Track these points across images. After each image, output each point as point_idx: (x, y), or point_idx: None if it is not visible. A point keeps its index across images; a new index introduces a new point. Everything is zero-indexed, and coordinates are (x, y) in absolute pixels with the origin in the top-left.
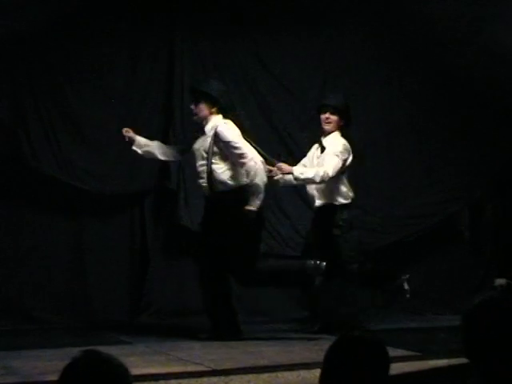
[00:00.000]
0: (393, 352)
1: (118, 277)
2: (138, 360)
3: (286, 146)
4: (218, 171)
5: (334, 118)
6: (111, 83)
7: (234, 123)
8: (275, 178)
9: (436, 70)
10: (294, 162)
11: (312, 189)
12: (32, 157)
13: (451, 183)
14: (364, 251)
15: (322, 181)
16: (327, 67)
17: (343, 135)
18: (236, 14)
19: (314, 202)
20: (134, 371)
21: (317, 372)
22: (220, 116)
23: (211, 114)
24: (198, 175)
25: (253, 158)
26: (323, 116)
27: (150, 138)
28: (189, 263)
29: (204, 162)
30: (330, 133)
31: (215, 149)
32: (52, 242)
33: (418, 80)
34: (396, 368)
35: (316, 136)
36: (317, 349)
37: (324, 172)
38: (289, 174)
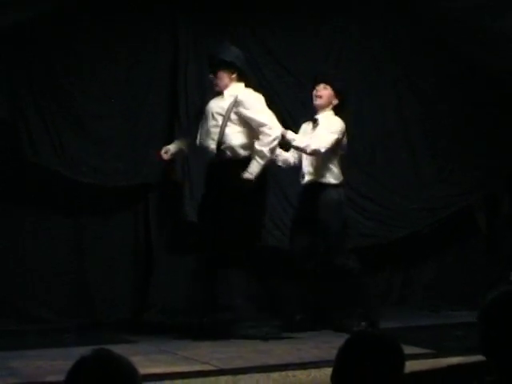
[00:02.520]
0: (407, 350)
1: (121, 275)
2: (143, 359)
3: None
4: (231, 136)
5: (324, 92)
6: (113, 77)
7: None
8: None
9: (450, 62)
10: None
11: (306, 166)
12: (33, 152)
13: (465, 175)
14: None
15: (313, 154)
16: (336, 57)
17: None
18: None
19: (303, 178)
20: (140, 370)
21: (328, 371)
22: (242, 84)
23: (231, 80)
24: (206, 135)
25: (272, 128)
26: (314, 91)
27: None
28: (194, 261)
29: (217, 122)
30: (322, 109)
31: (233, 115)
32: (54, 241)
33: (432, 72)
34: (411, 366)
35: None
36: (327, 347)
37: (317, 146)
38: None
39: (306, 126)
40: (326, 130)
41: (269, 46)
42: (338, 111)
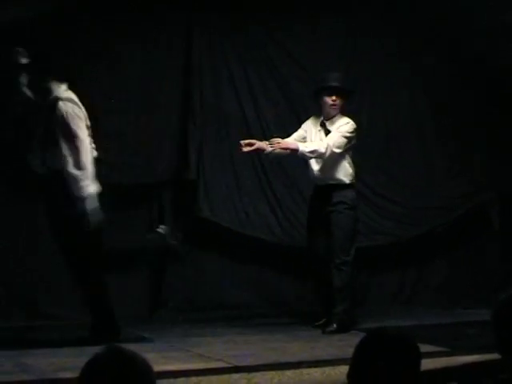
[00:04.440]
0: (422, 348)
1: (136, 272)
2: (158, 356)
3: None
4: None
5: (340, 101)
6: (127, 72)
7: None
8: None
9: (463, 62)
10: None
11: (315, 167)
12: None
13: (478, 174)
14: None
15: (330, 154)
16: (351, 56)
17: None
18: (259, 8)
19: (315, 179)
20: (154, 368)
21: (342, 368)
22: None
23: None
24: None
25: None
26: (328, 99)
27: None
28: (209, 257)
29: None
30: (333, 116)
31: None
32: None
33: (445, 72)
34: (426, 364)
35: None
36: (341, 345)
37: (329, 147)
38: (293, 150)
39: (317, 133)
40: (340, 132)
41: (285, 46)
42: (344, 111)
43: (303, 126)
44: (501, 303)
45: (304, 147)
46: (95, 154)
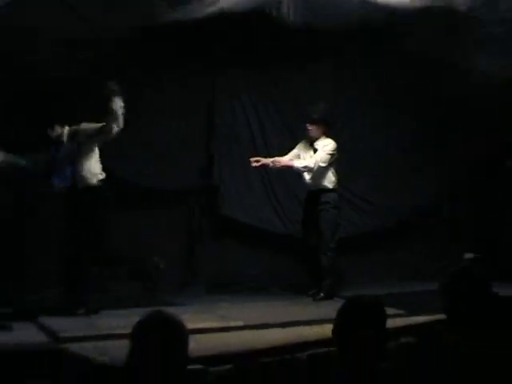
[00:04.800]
0: (388, 311)
1: (173, 254)
2: (189, 317)
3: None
4: None
5: (311, 127)
6: (164, 103)
7: None
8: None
9: (423, 95)
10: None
11: (307, 177)
12: (105, 165)
13: (432, 180)
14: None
15: (317, 168)
16: (335, 94)
17: (329, 137)
18: (266, 56)
19: (308, 186)
20: (187, 326)
21: (328, 326)
22: None
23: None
24: None
25: None
26: (307, 126)
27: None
28: (229, 243)
29: None
30: (316, 138)
31: None
32: (119, 228)
33: (408, 105)
34: (390, 323)
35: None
36: (327, 308)
37: (317, 162)
38: (289, 166)
39: (308, 151)
40: (324, 151)
41: (284, 88)
42: (327, 134)
43: (297, 146)
44: (451, 275)
45: (298, 164)
46: None
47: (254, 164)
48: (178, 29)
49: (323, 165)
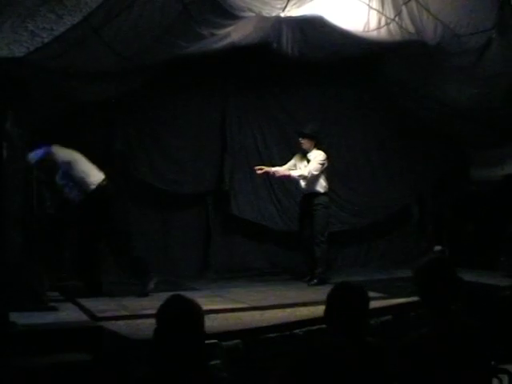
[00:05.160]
0: (370, 294)
1: (191, 247)
2: (205, 300)
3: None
4: None
5: (303, 141)
6: (186, 123)
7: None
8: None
9: (399, 114)
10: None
11: (302, 183)
12: (137, 172)
13: (405, 184)
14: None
15: (310, 176)
16: (325, 112)
17: (320, 149)
18: (269, 81)
19: (302, 190)
20: (202, 307)
21: (321, 307)
22: None
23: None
24: None
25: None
26: (300, 140)
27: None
28: (238, 238)
29: None
30: (307, 149)
31: None
32: (149, 225)
33: (386, 120)
34: (372, 304)
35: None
36: (320, 292)
37: (310, 171)
38: (287, 176)
39: (303, 162)
40: (316, 161)
41: (284, 106)
42: (318, 146)
43: (294, 157)
44: (422, 264)
45: (294, 173)
46: None
47: (259, 171)
48: (195, 60)
49: (315, 173)
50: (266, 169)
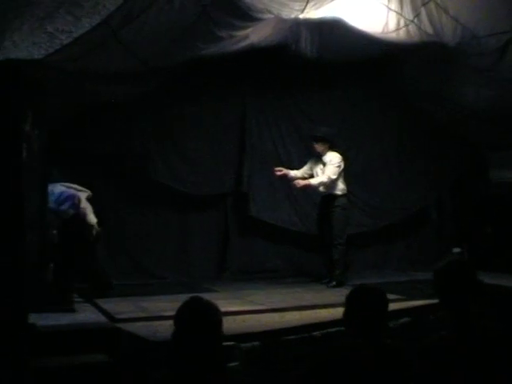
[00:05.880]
0: (389, 296)
1: (210, 248)
2: (223, 302)
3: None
4: None
5: (317, 145)
6: (205, 126)
7: None
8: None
9: (416, 115)
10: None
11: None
12: (154, 173)
13: (424, 186)
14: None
15: (329, 181)
16: (342, 116)
17: (335, 151)
18: (287, 82)
19: (321, 193)
20: (220, 309)
21: (340, 309)
22: None
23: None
24: None
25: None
26: (314, 143)
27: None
28: (256, 239)
29: None
30: (322, 152)
31: None
32: (168, 228)
33: (404, 122)
34: (391, 306)
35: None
36: (338, 294)
37: (328, 177)
38: (308, 185)
39: (318, 165)
40: (332, 165)
41: (302, 109)
42: (333, 148)
43: (309, 161)
44: (441, 266)
45: (314, 182)
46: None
47: (278, 173)
48: (213, 61)
49: (334, 177)
50: (285, 171)
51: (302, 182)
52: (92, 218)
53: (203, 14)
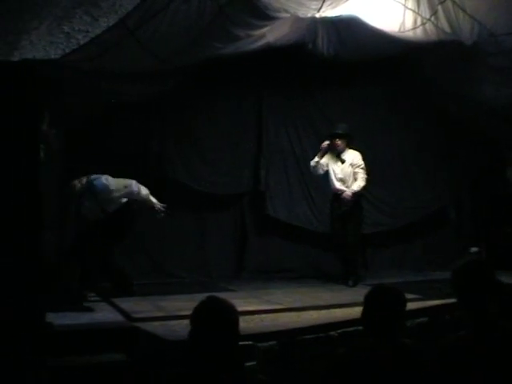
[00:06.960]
0: (406, 295)
1: (227, 247)
2: (240, 301)
3: None
4: None
5: (339, 142)
6: (223, 125)
7: None
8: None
9: (435, 112)
10: None
11: (337, 183)
12: (172, 172)
13: (442, 186)
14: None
15: (364, 184)
16: (358, 114)
17: (352, 148)
18: (304, 81)
19: (336, 191)
20: (237, 309)
21: (357, 309)
22: None
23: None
24: None
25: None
26: (333, 140)
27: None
28: (273, 239)
29: None
30: (343, 150)
31: None
32: (185, 227)
33: (422, 120)
34: (409, 305)
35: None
36: (355, 294)
37: (359, 186)
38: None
39: (331, 157)
40: (360, 168)
41: (319, 107)
42: (351, 145)
43: (324, 157)
44: (460, 266)
45: (357, 189)
46: None
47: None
48: (230, 60)
49: (364, 184)
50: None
51: (351, 194)
52: (152, 199)
53: (220, 14)
